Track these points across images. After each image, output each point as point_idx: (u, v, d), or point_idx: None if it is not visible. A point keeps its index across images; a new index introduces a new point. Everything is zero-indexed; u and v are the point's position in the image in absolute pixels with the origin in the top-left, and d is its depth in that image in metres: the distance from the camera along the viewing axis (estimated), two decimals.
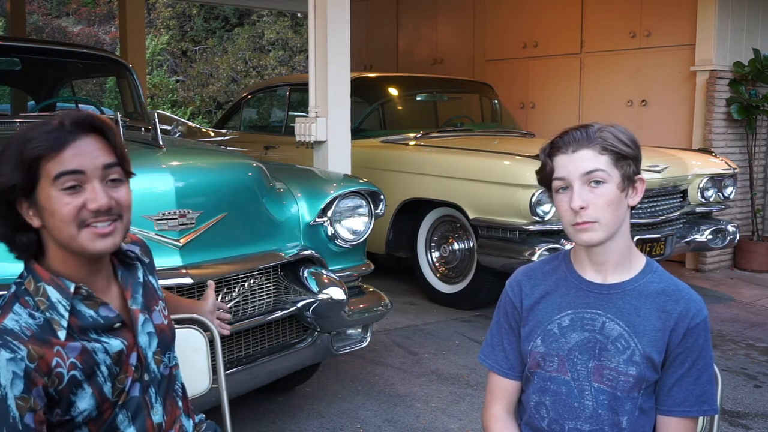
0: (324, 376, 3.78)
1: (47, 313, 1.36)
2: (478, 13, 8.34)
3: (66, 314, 1.37)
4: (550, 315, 1.63)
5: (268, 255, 2.86)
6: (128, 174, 1.42)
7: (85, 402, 1.39)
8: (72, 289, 1.39)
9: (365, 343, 3.31)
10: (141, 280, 1.56)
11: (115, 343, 1.43)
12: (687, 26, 6.50)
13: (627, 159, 1.55)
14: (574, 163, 1.53)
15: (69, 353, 1.36)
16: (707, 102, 6.35)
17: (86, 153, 1.35)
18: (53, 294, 1.38)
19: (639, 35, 6.88)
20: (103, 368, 1.41)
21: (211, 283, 2.06)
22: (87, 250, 1.36)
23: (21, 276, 1.43)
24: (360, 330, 3.32)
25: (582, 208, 1.52)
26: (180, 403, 1.62)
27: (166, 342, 1.56)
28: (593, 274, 1.62)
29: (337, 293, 2.91)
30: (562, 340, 1.61)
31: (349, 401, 3.53)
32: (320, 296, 2.88)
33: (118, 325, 1.45)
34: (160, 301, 1.60)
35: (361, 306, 3.21)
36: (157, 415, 1.51)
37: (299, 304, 2.89)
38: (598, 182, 1.53)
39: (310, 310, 2.89)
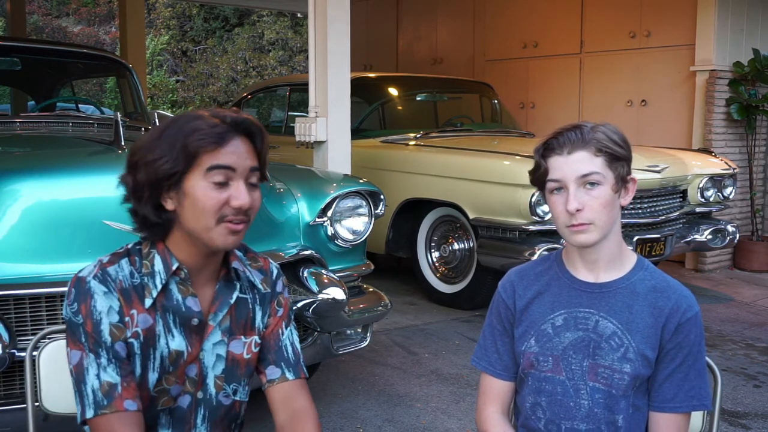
0: (324, 376, 3.78)
1: (145, 279, 1.44)
2: (478, 13, 8.34)
3: (159, 286, 1.44)
4: (543, 315, 1.64)
5: (268, 255, 2.85)
6: (264, 179, 1.48)
7: None
8: (174, 267, 1.44)
9: (365, 343, 3.30)
10: (233, 301, 1.52)
11: (179, 342, 1.46)
12: (687, 26, 6.50)
13: (621, 160, 1.56)
14: (569, 165, 1.54)
15: (140, 322, 1.43)
16: (707, 102, 6.35)
17: (240, 153, 1.40)
18: (158, 264, 1.45)
19: (639, 35, 6.88)
20: (157, 356, 1.44)
21: None
22: (215, 244, 1.42)
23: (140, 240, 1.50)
24: (360, 330, 3.31)
25: (578, 210, 1.53)
26: None
27: (235, 372, 1.53)
28: (585, 273, 1.63)
29: (337, 293, 2.91)
30: (556, 340, 1.61)
31: (349, 401, 3.53)
32: (320, 296, 2.88)
33: (195, 321, 1.46)
34: (256, 337, 1.55)
35: (361, 306, 3.20)
36: None
37: (299, 304, 2.89)
38: (593, 184, 1.53)
39: (310, 310, 2.89)
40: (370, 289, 3.38)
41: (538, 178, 1.59)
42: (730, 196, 5.58)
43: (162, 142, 1.39)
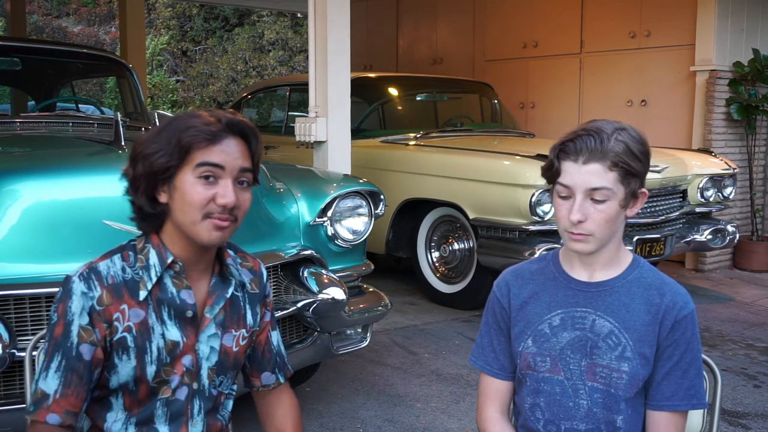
0: (324, 376, 3.78)
1: (140, 272, 1.47)
2: (478, 13, 8.34)
3: (154, 278, 1.47)
4: (540, 315, 1.63)
5: (268, 255, 2.86)
6: (255, 182, 1.52)
7: (125, 371, 1.46)
8: (169, 260, 1.48)
9: (365, 343, 3.31)
10: (228, 296, 1.57)
11: (174, 333, 1.49)
12: (687, 26, 6.50)
13: (635, 176, 1.52)
14: (581, 175, 1.50)
15: (132, 317, 1.46)
16: (707, 102, 6.35)
17: (230, 152, 1.44)
18: (153, 257, 1.48)
19: (639, 35, 6.88)
20: (154, 349, 1.47)
21: None
22: (200, 239, 1.45)
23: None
24: (360, 330, 3.31)
25: (580, 221, 1.51)
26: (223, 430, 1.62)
27: (225, 365, 1.57)
28: (581, 273, 1.63)
29: (337, 293, 2.91)
30: (553, 340, 1.61)
31: (349, 401, 3.53)
32: (320, 296, 2.88)
33: (190, 314, 1.50)
34: (244, 330, 1.60)
35: (361, 306, 3.21)
36: (196, 428, 1.54)
37: (299, 304, 2.89)
38: (601, 199, 1.50)
39: (310, 310, 2.89)
40: (370, 289, 3.38)
41: (550, 176, 1.57)
42: (730, 196, 5.58)
43: (161, 137, 1.44)
